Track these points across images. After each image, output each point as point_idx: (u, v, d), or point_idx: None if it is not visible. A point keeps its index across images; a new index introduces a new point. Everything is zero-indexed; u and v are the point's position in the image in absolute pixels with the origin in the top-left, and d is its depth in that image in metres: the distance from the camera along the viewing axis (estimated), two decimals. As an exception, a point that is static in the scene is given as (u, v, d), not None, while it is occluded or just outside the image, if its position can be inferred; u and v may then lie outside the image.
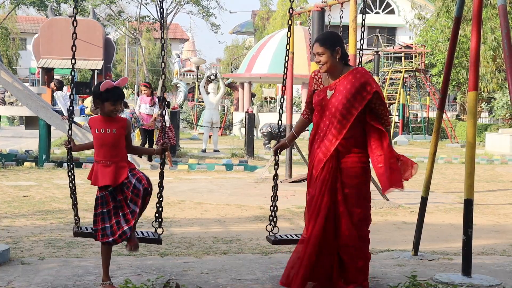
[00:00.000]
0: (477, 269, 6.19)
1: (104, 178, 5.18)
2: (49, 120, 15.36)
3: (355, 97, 5.16)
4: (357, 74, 5.23)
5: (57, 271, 5.83)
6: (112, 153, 5.21)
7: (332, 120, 5.21)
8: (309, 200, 5.31)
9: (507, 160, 20.16)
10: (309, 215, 5.26)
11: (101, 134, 5.20)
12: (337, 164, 5.22)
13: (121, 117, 5.44)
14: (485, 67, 28.07)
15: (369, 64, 40.47)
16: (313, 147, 5.39)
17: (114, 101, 5.20)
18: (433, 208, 10.18)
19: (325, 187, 5.20)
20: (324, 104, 5.28)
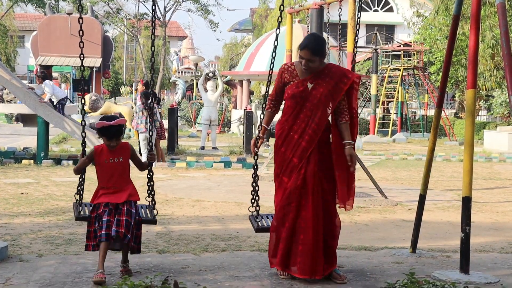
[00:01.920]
0: (475, 266, 6.20)
1: (117, 198, 5.57)
2: (47, 117, 15.35)
3: (335, 88, 5.55)
4: (332, 69, 5.65)
5: (56, 268, 5.83)
6: (122, 180, 5.64)
7: (315, 110, 5.53)
8: (293, 189, 5.50)
9: (505, 158, 20.18)
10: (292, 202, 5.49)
11: (110, 163, 5.60)
12: (319, 156, 5.55)
13: (125, 142, 5.75)
14: (484, 65, 28.08)
15: (368, 62, 40.49)
16: (290, 136, 5.59)
17: (109, 138, 5.59)
18: (431, 206, 10.19)
19: (313, 177, 5.48)
20: (305, 95, 5.56)
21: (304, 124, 5.55)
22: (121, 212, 5.53)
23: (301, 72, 5.63)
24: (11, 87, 15.73)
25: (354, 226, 8.61)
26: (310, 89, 5.56)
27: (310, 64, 5.53)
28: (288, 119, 5.63)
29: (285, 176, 5.57)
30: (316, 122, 5.53)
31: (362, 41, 41.55)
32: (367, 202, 10.41)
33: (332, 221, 5.62)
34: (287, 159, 5.57)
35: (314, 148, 5.54)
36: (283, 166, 5.60)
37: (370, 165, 16.34)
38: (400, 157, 19.73)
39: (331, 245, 5.61)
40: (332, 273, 5.59)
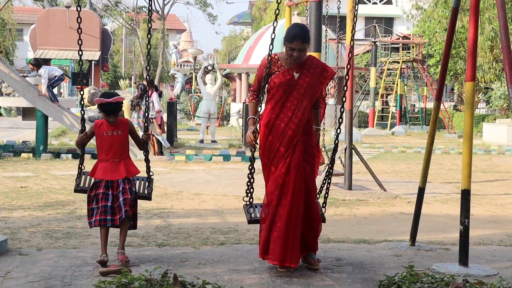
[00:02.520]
0: (474, 259, 6.20)
1: (118, 174, 5.79)
2: (46, 111, 15.34)
3: (318, 80, 5.77)
4: (314, 60, 5.90)
5: (55, 262, 5.84)
6: (121, 152, 5.87)
7: (301, 100, 5.70)
8: (276, 176, 5.62)
9: (504, 150, 20.19)
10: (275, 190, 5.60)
11: (110, 136, 5.85)
12: (304, 146, 5.70)
13: (124, 118, 6.07)
14: (483, 57, 28.05)
15: (367, 55, 40.47)
16: (276, 125, 5.71)
17: (107, 114, 5.84)
18: (430, 199, 10.20)
19: (297, 167, 5.60)
20: (292, 84, 5.72)
21: (290, 112, 5.69)
22: (125, 190, 5.75)
23: (285, 62, 5.79)
24: (9, 81, 15.72)
25: (353, 219, 8.62)
26: (296, 78, 5.73)
27: (301, 54, 5.69)
28: (275, 108, 5.74)
29: (273, 166, 5.70)
30: (302, 111, 5.69)
31: (361, 34, 41.48)
32: (366, 195, 10.42)
33: (313, 208, 5.75)
34: (274, 148, 5.69)
35: (299, 137, 5.67)
36: (270, 155, 5.71)
37: (369, 158, 16.35)
38: (399, 150, 19.73)
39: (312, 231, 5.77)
40: (307, 258, 5.77)
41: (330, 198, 10.02)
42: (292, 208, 5.56)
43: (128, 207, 5.74)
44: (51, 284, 5.14)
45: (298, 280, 5.39)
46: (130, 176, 5.86)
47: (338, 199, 10.07)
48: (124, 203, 5.73)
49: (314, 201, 5.82)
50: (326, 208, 6.15)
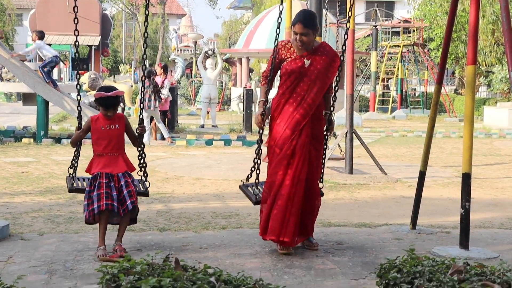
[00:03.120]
0: (475, 242, 6.22)
1: (117, 168, 5.68)
2: (47, 96, 15.33)
3: (328, 68, 5.85)
4: (326, 48, 5.95)
5: (57, 247, 5.85)
6: (118, 146, 5.77)
7: (312, 86, 5.78)
8: (281, 157, 5.71)
9: (505, 134, 20.18)
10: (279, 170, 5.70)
11: (107, 130, 5.74)
12: (311, 130, 5.79)
13: (119, 113, 5.90)
14: (484, 41, 27.99)
15: (367, 39, 40.35)
16: (285, 109, 5.81)
17: (106, 108, 5.73)
18: (431, 182, 10.21)
19: (303, 150, 5.69)
20: (303, 71, 5.80)
21: (300, 97, 5.78)
22: (127, 183, 5.64)
23: (297, 48, 5.85)
24: (10, 66, 15.69)
25: (354, 203, 8.63)
26: (307, 65, 5.80)
27: (303, 38, 5.75)
28: (285, 93, 5.85)
29: (277, 147, 5.78)
30: (312, 97, 5.77)
31: (361, 18, 41.38)
32: (367, 179, 10.43)
33: (312, 192, 5.85)
34: (281, 131, 5.78)
35: (307, 122, 5.75)
36: (276, 137, 5.81)
37: (370, 142, 16.35)
38: (400, 134, 19.73)
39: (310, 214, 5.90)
40: (305, 241, 5.92)
41: (331, 182, 10.05)
42: (293, 188, 5.65)
43: (135, 199, 5.63)
44: (53, 268, 5.16)
45: (299, 264, 5.41)
46: (130, 170, 5.77)
47: (339, 183, 10.08)
48: (130, 195, 5.59)
49: (316, 186, 5.92)
50: (327, 192, 6.18)
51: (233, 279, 3.39)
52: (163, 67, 16.86)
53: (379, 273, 3.82)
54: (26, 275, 4.87)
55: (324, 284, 4.88)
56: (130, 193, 5.61)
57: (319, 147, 5.91)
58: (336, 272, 5.22)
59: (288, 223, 5.65)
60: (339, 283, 4.93)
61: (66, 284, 4.78)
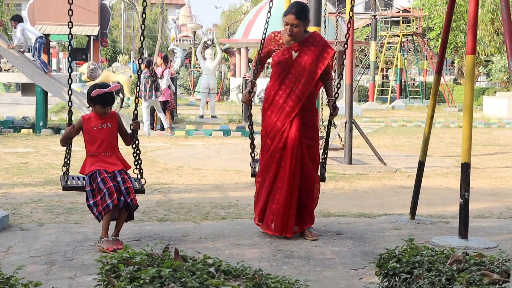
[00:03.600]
0: (474, 232, 6.23)
1: (113, 165, 5.60)
2: (46, 86, 15.31)
3: (318, 58, 5.89)
4: (316, 38, 6.01)
5: (57, 237, 5.86)
6: (111, 145, 5.68)
7: (299, 77, 5.87)
8: (273, 150, 5.86)
9: (505, 123, 20.19)
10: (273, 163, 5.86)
11: (99, 129, 5.65)
12: (301, 120, 5.87)
13: (112, 111, 5.78)
14: (483, 30, 27.94)
15: (367, 29, 40.27)
16: (275, 101, 5.93)
17: (104, 105, 5.66)
18: (430, 172, 10.21)
19: (293, 141, 5.81)
20: (290, 62, 5.89)
21: (288, 89, 5.89)
22: (124, 180, 5.54)
23: (286, 40, 5.94)
24: (8, 56, 15.67)
25: (353, 193, 8.64)
26: (295, 57, 5.90)
27: (294, 29, 5.84)
28: (274, 84, 5.98)
29: (269, 139, 5.94)
30: (300, 89, 5.87)
31: (361, 7, 41.29)
32: (366, 169, 10.44)
33: (309, 182, 5.94)
34: (271, 123, 5.92)
35: (297, 113, 5.85)
36: (267, 129, 5.96)
37: (369, 132, 16.35)
38: (399, 124, 19.73)
39: (308, 205, 5.98)
40: (304, 230, 5.99)
41: (330, 173, 10.05)
42: (290, 181, 5.80)
43: (133, 196, 5.51)
44: (53, 259, 5.17)
45: (298, 254, 5.42)
46: (125, 169, 5.68)
47: (338, 173, 10.09)
48: (128, 191, 5.48)
49: (314, 173, 6.00)
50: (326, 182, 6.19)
51: (233, 269, 3.39)
52: (164, 57, 16.84)
53: (378, 263, 3.82)
54: (25, 265, 4.87)
55: (323, 274, 4.88)
56: (128, 190, 5.49)
57: (312, 136, 6.01)
58: (335, 262, 5.22)
59: (290, 219, 5.83)
60: (338, 273, 4.93)
61: (66, 274, 4.79)
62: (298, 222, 5.96)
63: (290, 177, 5.79)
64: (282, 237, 5.92)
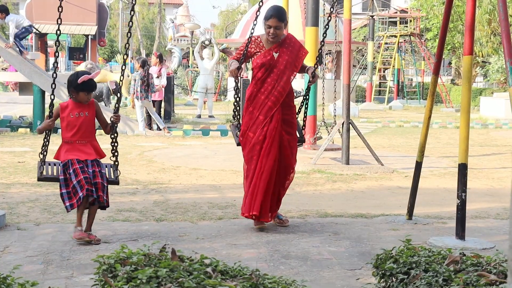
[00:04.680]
0: (471, 232, 6.23)
1: (86, 154, 5.70)
2: (43, 85, 15.29)
3: (296, 58, 6.40)
4: (292, 39, 6.51)
5: (53, 237, 5.86)
6: (87, 133, 5.79)
7: (281, 75, 6.32)
8: (254, 143, 6.28)
9: (502, 124, 20.20)
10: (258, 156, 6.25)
11: (76, 117, 5.77)
12: (282, 116, 6.31)
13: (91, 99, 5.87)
14: (480, 31, 27.96)
15: (364, 29, 40.29)
16: (257, 97, 6.35)
17: (88, 92, 5.80)
18: (427, 173, 10.22)
19: (274, 134, 6.23)
20: (273, 63, 6.34)
21: (270, 87, 6.32)
22: (95, 174, 5.62)
23: (266, 42, 6.42)
24: (6, 55, 15.65)
25: (350, 194, 8.64)
26: (276, 57, 6.36)
27: (277, 31, 6.30)
28: (257, 83, 6.39)
29: (251, 132, 6.34)
30: (282, 85, 6.32)
31: (358, 8, 41.31)
32: (363, 169, 10.44)
33: (287, 173, 6.42)
34: (254, 117, 6.34)
35: (278, 109, 6.29)
36: (249, 123, 6.35)
37: (366, 132, 16.36)
38: (397, 125, 19.74)
39: (280, 193, 6.43)
40: (275, 219, 6.48)
41: (327, 173, 10.05)
42: (268, 170, 6.20)
43: (101, 193, 5.60)
44: (50, 258, 5.17)
45: (295, 254, 5.42)
46: (99, 157, 5.76)
47: (335, 174, 10.09)
48: (96, 187, 5.59)
49: (291, 163, 6.44)
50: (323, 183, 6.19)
51: (230, 269, 3.39)
52: (159, 56, 16.91)
53: (375, 264, 3.83)
54: (22, 265, 4.87)
55: (321, 275, 4.88)
56: (96, 186, 5.59)
57: (291, 131, 6.41)
58: (332, 262, 5.23)
59: (267, 205, 6.22)
60: (335, 273, 4.93)
61: (63, 274, 4.78)
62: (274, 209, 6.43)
63: (268, 168, 6.18)
64: (279, 237, 5.92)
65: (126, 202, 7.56)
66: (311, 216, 7.01)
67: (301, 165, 10.59)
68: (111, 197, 7.80)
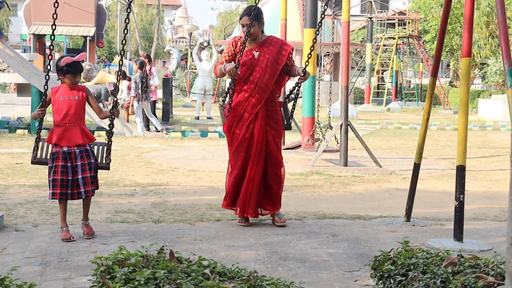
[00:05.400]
0: (469, 234, 6.24)
1: (74, 138, 5.84)
2: (41, 87, 15.27)
3: (278, 55, 6.58)
4: (273, 39, 6.72)
5: (51, 238, 5.85)
6: (76, 117, 5.91)
7: (263, 73, 6.51)
8: (241, 140, 6.52)
9: (500, 126, 20.22)
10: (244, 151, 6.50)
11: (66, 100, 5.91)
12: (266, 112, 6.51)
13: (81, 85, 6.09)
14: (479, 33, 28.01)
15: (362, 31, 40.32)
16: (241, 95, 6.55)
17: (74, 74, 5.95)
18: (425, 175, 10.22)
19: (259, 130, 6.45)
20: (254, 61, 6.56)
21: (254, 84, 6.51)
22: (83, 168, 5.81)
23: (248, 43, 6.61)
24: (4, 56, 15.64)
25: (348, 195, 8.64)
26: (257, 56, 6.58)
27: (250, 30, 6.45)
28: (240, 82, 6.58)
29: (237, 129, 6.58)
30: (264, 83, 6.51)
31: (357, 10, 41.34)
32: (361, 171, 10.44)
33: (276, 168, 6.57)
34: (239, 114, 6.55)
35: (262, 105, 6.50)
36: (235, 120, 6.57)
37: (364, 134, 16.36)
38: (395, 126, 19.75)
39: (275, 190, 6.59)
40: (274, 216, 6.58)
41: (325, 175, 10.06)
42: (255, 168, 6.44)
43: (89, 187, 5.83)
44: (48, 260, 5.16)
45: (293, 256, 5.42)
46: (86, 141, 5.89)
47: (333, 175, 10.09)
48: (84, 182, 5.81)
49: (278, 157, 6.59)
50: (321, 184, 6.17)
51: (228, 271, 3.39)
52: (146, 56, 17.12)
53: (373, 265, 3.83)
54: (20, 266, 4.87)
55: (319, 276, 4.88)
56: (84, 180, 5.81)
57: (277, 127, 6.60)
58: (330, 264, 5.22)
59: (250, 199, 6.44)
60: (333, 275, 4.93)
61: (60, 275, 4.78)
62: (267, 207, 6.58)
63: (254, 165, 6.42)
64: (277, 239, 5.92)
65: (124, 204, 7.55)
66: (309, 218, 7.01)
67: (299, 167, 10.59)
68: (108, 198, 7.84)
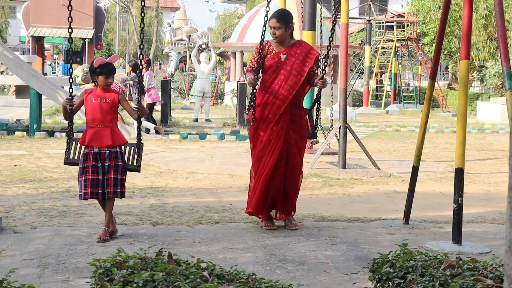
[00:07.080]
0: (468, 237, 6.24)
1: (104, 139, 5.94)
2: (40, 89, 15.29)
3: (304, 60, 6.59)
4: (302, 43, 6.79)
5: (50, 240, 5.85)
6: (108, 120, 6.01)
7: (288, 75, 6.52)
8: (265, 143, 6.48)
9: (498, 129, 20.22)
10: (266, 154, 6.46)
11: (98, 103, 6.02)
12: (290, 115, 6.51)
13: (114, 89, 6.26)
14: (477, 35, 28.01)
15: (361, 33, 40.34)
16: (266, 98, 6.55)
17: (107, 75, 6.05)
18: (424, 177, 10.22)
19: (281, 133, 6.45)
20: (280, 64, 6.58)
21: (278, 86, 6.52)
22: (109, 169, 5.89)
23: (275, 46, 6.66)
24: (3, 59, 15.64)
25: (347, 198, 8.64)
26: (283, 59, 6.59)
27: (277, 32, 6.53)
28: (266, 84, 6.60)
29: (261, 131, 6.56)
30: (290, 84, 6.51)
31: (355, 12, 41.34)
32: (360, 173, 10.44)
33: (295, 175, 6.57)
34: (264, 116, 6.55)
35: (286, 108, 6.48)
36: (260, 122, 6.57)
37: (363, 136, 16.36)
38: (393, 129, 19.75)
39: (291, 196, 6.58)
40: (285, 221, 6.59)
41: (324, 177, 10.05)
42: (272, 170, 6.40)
43: (111, 188, 5.87)
44: (46, 262, 5.16)
45: (292, 259, 5.41)
46: (116, 143, 5.97)
47: (332, 178, 10.09)
48: (107, 183, 5.88)
49: (299, 164, 6.59)
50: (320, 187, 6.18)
51: (226, 273, 3.39)
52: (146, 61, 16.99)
53: (372, 268, 3.83)
54: (18, 268, 4.86)
55: (317, 279, 4.88)
56: (108, 182, 5.89)
57: (300, 131, 6.59)
58: (329, 266, 5.22)
59: (267, 201, 6.45)
60: (332, 277, 4.93)
61: (59, 277, 4.77)
62: (281, 211, 6.56)
63: (273, 166, 6.39)
64: (275, 241, 5.92)
65: (123, 206, 7.55)
66: (307, 220, 7.01)
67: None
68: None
